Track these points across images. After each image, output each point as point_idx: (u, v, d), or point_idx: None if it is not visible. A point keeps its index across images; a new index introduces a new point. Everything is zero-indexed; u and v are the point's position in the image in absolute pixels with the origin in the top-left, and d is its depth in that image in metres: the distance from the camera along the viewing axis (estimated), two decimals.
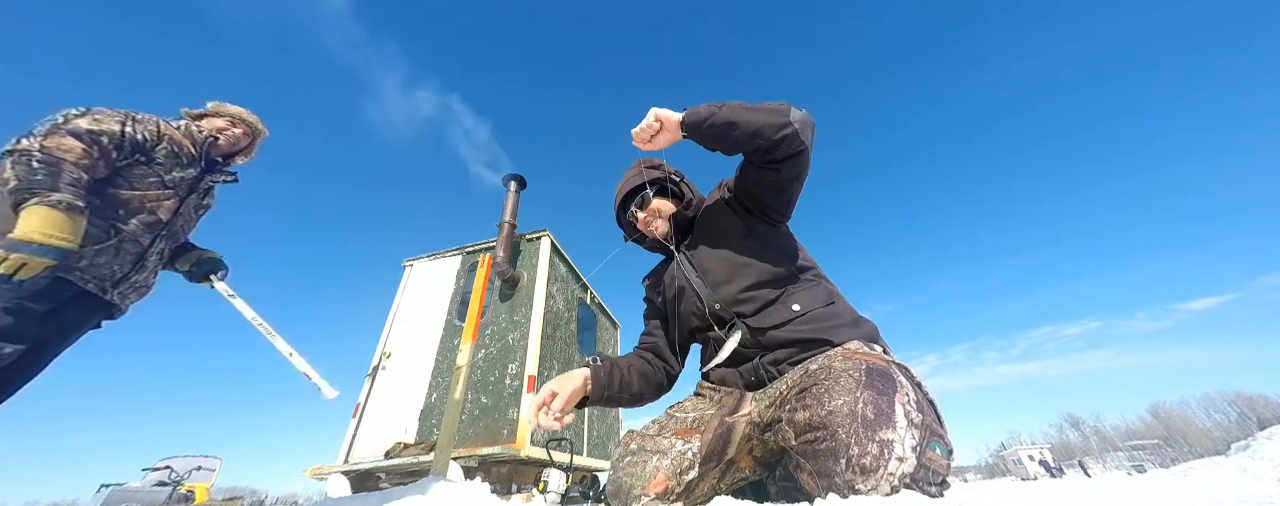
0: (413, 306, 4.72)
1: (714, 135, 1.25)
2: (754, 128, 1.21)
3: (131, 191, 1.67)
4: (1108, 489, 1.06)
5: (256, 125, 2.09)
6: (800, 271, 1.37)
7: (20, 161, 1.41)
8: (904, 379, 1.09)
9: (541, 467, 3.83)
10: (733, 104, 1.24)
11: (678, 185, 1.58)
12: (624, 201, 1.62)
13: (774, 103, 1.24)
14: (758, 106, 1.23)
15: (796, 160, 1.27)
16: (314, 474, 3.70)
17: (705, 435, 1.23)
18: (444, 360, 4.17)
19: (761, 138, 1.21)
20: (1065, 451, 65.24)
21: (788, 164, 1.27)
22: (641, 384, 1.45)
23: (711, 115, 1.23)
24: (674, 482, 1.17)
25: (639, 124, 1.33)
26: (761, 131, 1.20)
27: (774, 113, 1.21)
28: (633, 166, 1.64)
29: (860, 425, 0.96)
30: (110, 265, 1.63)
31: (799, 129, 1.21)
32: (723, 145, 1.28)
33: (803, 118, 1.23)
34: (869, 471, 0.92)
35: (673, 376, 1.55)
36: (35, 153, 1.42)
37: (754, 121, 1.21)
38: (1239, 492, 0.89)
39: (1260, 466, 4.08)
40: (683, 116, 1.28)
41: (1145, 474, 3.34)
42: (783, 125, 1.20)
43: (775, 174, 1.30)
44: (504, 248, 4.45)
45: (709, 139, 1.27)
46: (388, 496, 1.48)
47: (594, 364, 1.39)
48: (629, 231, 1.68)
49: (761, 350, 1.28)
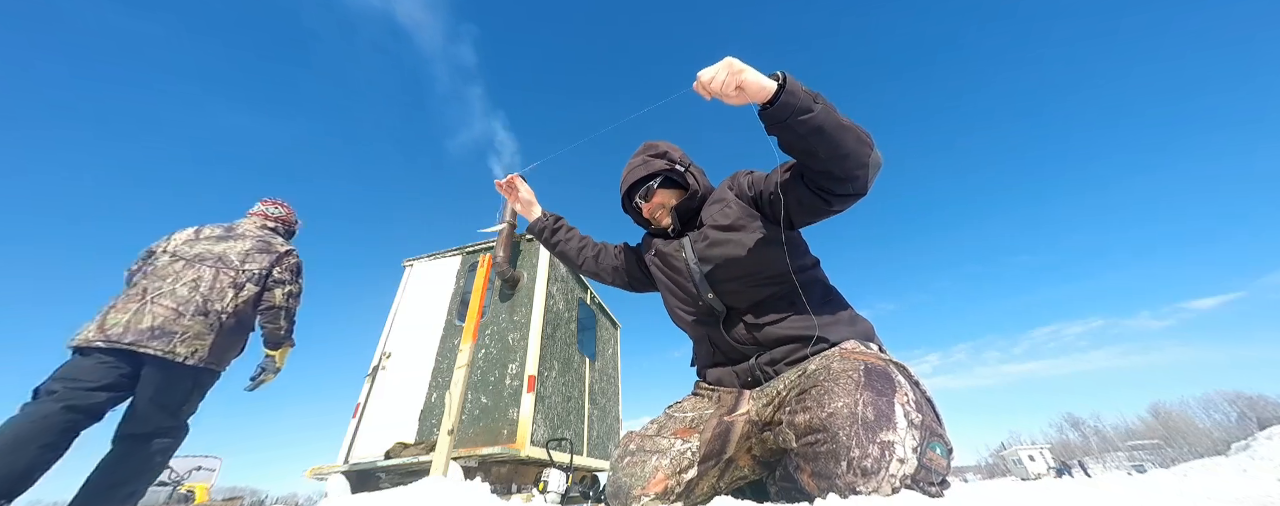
0: (413, 306, 4.72)
1: (799, 132, 1.07)
2: (841, 151, 1.08)
3: None
4: (1108, 489, 1.06)
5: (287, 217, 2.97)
6: (800, 269, 1.35)
7: (282, 313, 2.41)
8: (902, 378, 1.09)
9: (541, 467, 3.83)
10: (828, 106, 1.07)
11: (683, 175, 1.50)
12: (629, 191, 1.58)
13: (864, 131, 1.10)
14: (851, 126, 1.09)
15: (851, 200, 1.19)
16: (314, 474, 3.69)
17: (704, 434, 1.23)
18: (444, 360, 4.17)
19: (841, 162, 1.09)
20: (1065, 451, 65.22)
21: (842, 200, 1.19)
22: (578, 250, 1.80)
23: (809, 111, 1.05)
24: (673, 482, 1.17)
25: (710, 69, 1.10)
26: (846, 157, 1.08)
27: (863, 143, 1.09)
28: (638, 151, 1.58)
29: (860, 427, 0.96)
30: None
31: (872, 172, 1.14)
32: (794, 144, 1.11)
33: (878, 161, 1.14)
34: (870, 473, 0.92)
35: (612, 270, 1.76)
36: (286, 308, 2.41)
37: (844, 144, 1.07)
38: (1239, 493, 0.89)
39: (1260, 466, 4.08)
40: (776, 93, 1.06)
41: (1145, 474, 3.34)
42: (865, 161, 1.10)
43: (826, 205, 1.21)
44: (504, 248, 4.44)
45: (787, 130, 1.08)
46: (388, 496, 1.48)
47: (543, 215, 1.84)
48: (635, 218, 1.65)
49: (758, 348, 1.28)
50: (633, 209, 1.61)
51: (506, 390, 3.77)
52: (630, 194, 1.58)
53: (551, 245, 1.82)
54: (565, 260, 1.83)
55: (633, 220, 1.66)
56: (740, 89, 1.08)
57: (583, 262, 1.78)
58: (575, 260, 1.79)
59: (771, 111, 1.07)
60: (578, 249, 1.80)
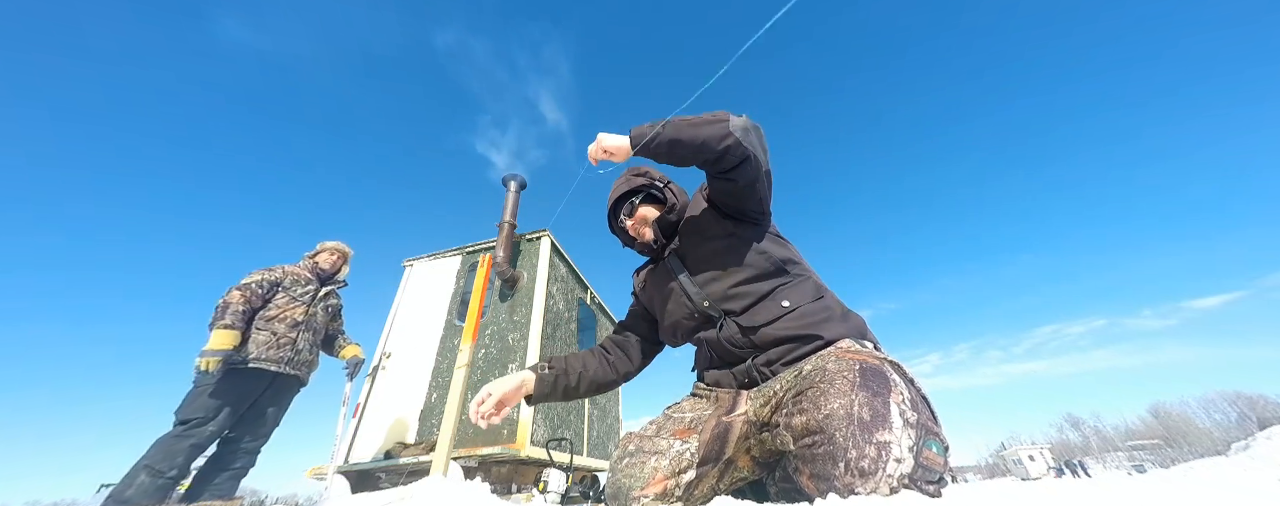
0: (413, 306, 4.72)
1: (662, 153, 1.28)
2: (697, 142, 1.23)
3: (277, 309, 2.94)
4: (1108, 489, 1.06)
5: (345, 251, 3.50)
6: (787, 267, 1.37)
7: (216, 308, 2.74)
8: (897, 377, 1.09)
9: (541, 467, 3.83)
10: (676, 120, 1.27)
11: (662, 190, 1.61)
12: (613, 210, 1.67)
13: (714, 113, 1.25)
14: (699, 119, 1.25)
15: (745, 167, 1.28)
16: (314, 474, 3.70)
17: (702, 435, 1.24)
18: (444, 360, 4.17)
19: (706, 151, 1.23)
20: (1065, 451, 65.22)
21: (738, 171, 1.28)
22: (589, 390, 1.55)
23: (656, 136, 1.26)
24: (672, 483, 1.18)
25: (591, 148, 1.37)
26: (705, 145, 1.22)
27: (714, 125, 1.23)
28: (623, 175, 1.68)
29: (857, 428, 0.96)
30: (278, 354, 2.87)
31: (740, 137, 1.22)
32: (672, 161, 1.30)
33: (743, 125, 1.24)
34: (868, 474, 0.92)
35: (627, 376, 1.61)
36: (219, 303, 2.76)
37: (696, 136, 1.22)
38: (1239, 493, 0.89)
39: (1260, 466, 4.08)
40: (629, 139, 1.31)
41: (1145, 474, 3.34)
42: (723, 136, 1.21)
43: (732, 183, 1.32)
44: (504, 248, 4.45)
45: (659, 156, 1.30)
46: (388, 496, 1.48)
47: (541, 372, 1.49)
48: (622, 238, 1.71)
49: (754, 349, 1.29)
50: (618, 230, 1.69)
51: None
52: (615, 212, 1.67)
53: (573, 392, 1.52)
54: (600, 388, 1.56)
55: (620, 241, 1.73)
56: (609, 152, 1.34)
57: (620, 370, 1.58)
58: (609, 375, 1.56)
59: (640, 152, 1.30)
60: (599, 364, 1.57)
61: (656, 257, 1.62)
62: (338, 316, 3.46)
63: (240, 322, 2.74)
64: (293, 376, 3.02)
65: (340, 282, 3.45)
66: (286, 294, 3.01)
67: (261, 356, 2.80)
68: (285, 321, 2.95)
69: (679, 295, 1.45)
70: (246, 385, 2.78)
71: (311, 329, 3.11)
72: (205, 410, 2.59)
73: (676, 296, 1.46)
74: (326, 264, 3.35)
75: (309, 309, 3.09)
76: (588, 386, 1.53)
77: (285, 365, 2.90)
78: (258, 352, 2.79)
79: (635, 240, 1.64)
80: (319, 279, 3.27)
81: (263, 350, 2.81)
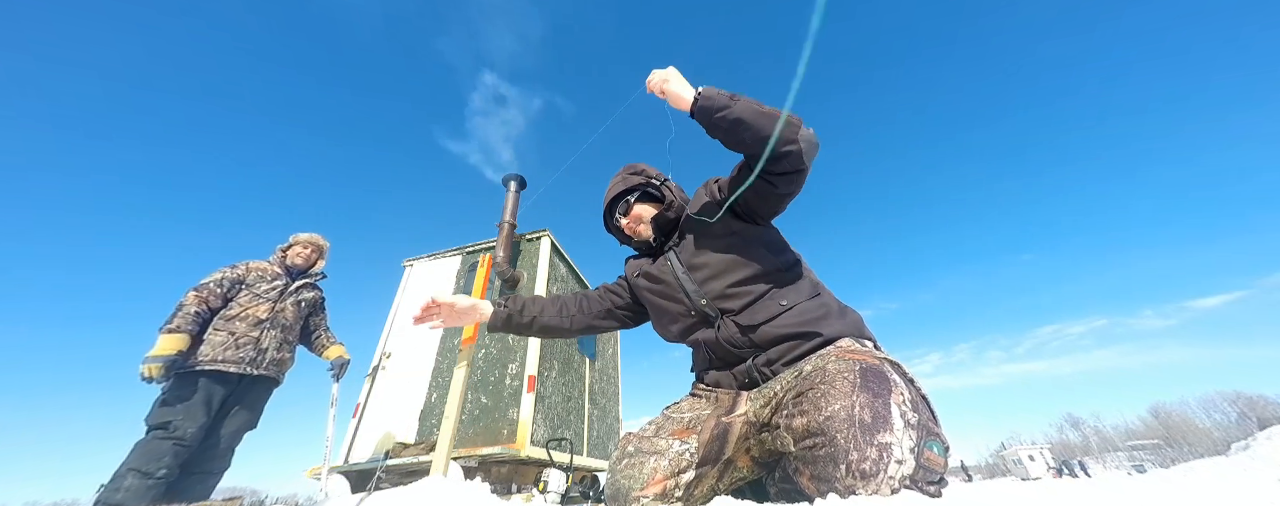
0: (413, 306, 4.71)
1: (722, 127, 1.24)
2: (764, 134, 1.19)
3: (238, 307, 2.78)
4: (1108, 488, 1.06)
5: (320, 243, 3.28)
6: (785, 266, 1.38)
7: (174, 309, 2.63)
8: (897, 377, 1.09)
9: (541, 467, 3.83)
10: (748, 101, 1.23)
11: (659, 189, 1.62)
12: (610, 209, 1.67)
13: (790, 114, 1.20)
14: (772, 112, 1.21)
15: (795, 178, 1.28)
16: (314, 474, 3.70)
17: (702, 435, 1.23)
18: (444, 360, 4.18)
19: (764, 145, 1.19)
20: (1065, 451, 65.22)
21: (784, 179, 1.28)
22: (539, 333, 1.68)
23: (725, 108, 1.22)
24: (672, 483, 1.17)
25: (655, 72, 1.36)
26: (769, 139, 1.19)
27: (787, 125, 1.19)
28: (619, 173, 1.68)
29: (858, 430, 0.96)
30: (237, 354, 2.69)
31: (804, 148, 1.21)
32: (726, 138, 1.27)
33: (809, 138, 1.23)
34: (869, 476, 0.92)
35: (579, 332, 1.69)
36: (176, 306, 2.63)
37: (765, 127, 1.19)
38: (1239, 493, 0.89)
39: (1260, 466, 4.08)
40: (695, 99, 1.27)
41: (1145, 474, 3.34)
42: (792, 139, 1.20)
43: (773, 188, 1.31)
44: (504, 248, 4.44)
45: (716, 128, 1.26)
46: (388, 496, 1.48)
47: (497, 307, 1.67)
48: (619, 237, 1.72)
49: (754, 348, 1.28)
50: (614, 228, 1.70)
51: (506, 390, 3.78)
52: (611, 211, 1.67)
53: (525, 326, 1.65)
54: (551, 331, 1.67)
55: (617, 240, 1.74)
56: (666, 96, 1.33)
57: (571, 322, 1.66)
58: (561, 324, 1.65)
59: (696, 115, 1.28)
60: (557, 311, 1.66)
61: (655, 253, 1.61)
62: (318, 311, 3.25)
63: (189, 325, 2.58)
64: (261, 377, 2.83)
65: (316, 276, 3.23)
66: (249, 291, 2.85)
67: (217, 358, 2.61)
68: (247, 320, 2.78)
69: (676, 292, 1.44)
70: (208, 388, 2.60)
71: (279, 326, 2.91)
72: (171, 416, 2.46)
73: (673, 293, 1.45)
74: (299, 258, 3.14)
75: (275, 306, 2.91)
76: (538, 330, 1.66)
77: (247, 365, 2.72)
78: (213, 354, 2.61)
79: (632, 238, 1.64)
80: (289, 273, 3.07)
81: (218, 351, 2.63)
